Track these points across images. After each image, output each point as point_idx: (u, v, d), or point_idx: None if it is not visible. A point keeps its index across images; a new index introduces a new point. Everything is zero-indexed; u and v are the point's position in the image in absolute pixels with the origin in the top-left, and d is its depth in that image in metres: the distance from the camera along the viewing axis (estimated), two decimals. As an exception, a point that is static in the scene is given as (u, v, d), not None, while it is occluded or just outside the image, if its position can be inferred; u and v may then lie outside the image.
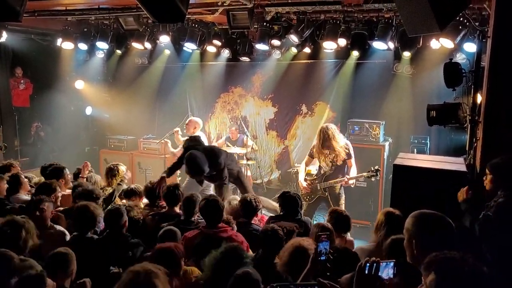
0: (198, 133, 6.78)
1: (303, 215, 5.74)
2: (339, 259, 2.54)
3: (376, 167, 5.58)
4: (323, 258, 2.40)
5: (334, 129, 5.56)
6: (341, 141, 5.54)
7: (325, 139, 5.47)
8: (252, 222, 4.20)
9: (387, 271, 2.00)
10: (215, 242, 3.14)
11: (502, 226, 3.08)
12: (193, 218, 4.01)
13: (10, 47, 7.97)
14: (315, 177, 5.83)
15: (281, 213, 4.17)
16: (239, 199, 4.46)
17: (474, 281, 1.67)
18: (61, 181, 4.84)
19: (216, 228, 3.65)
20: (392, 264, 2.02)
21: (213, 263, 2.73)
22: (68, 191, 4.81)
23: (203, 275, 2.85)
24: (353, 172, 5.62)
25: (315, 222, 5.83)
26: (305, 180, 5.83)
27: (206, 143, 5.96)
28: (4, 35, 7.20)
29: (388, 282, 1.98)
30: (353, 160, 5.63)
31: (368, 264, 1.96)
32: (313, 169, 6.05)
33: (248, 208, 4.18)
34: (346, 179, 5.52)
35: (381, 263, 1.97)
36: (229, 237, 3.58)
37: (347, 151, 5.56)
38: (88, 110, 9.30)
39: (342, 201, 5.66)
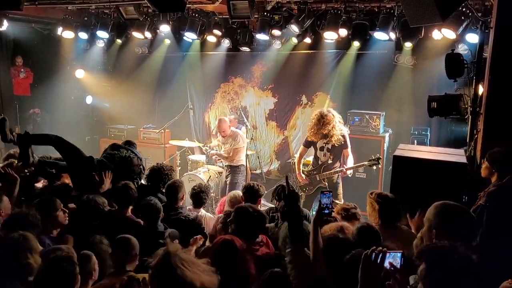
0: None
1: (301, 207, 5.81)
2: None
3: (378, 155, 5.58)
4: (326, 211, 2.55)
5: (334, 115, 5.55)
6: (338, 128, 5.53)
7: (323, 123, 5.46)
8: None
9: (394, 261, 2.01)
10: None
11: (492, 213, 3.12)
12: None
13: (11, 36, 7.96)
14: (312, 167, 5.83)
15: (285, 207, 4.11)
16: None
17: (462, 269, 1.69)
18: None
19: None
20: (399, 254, 2.03)
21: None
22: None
23: None
24: (350, 161, 5.62)
25: (313, 213, 5.87)
26: (303, 172, 5.84)
27: None
28: (5, 23, 7.19)
29: (394, 271, 1.99)
30: (349, 150, 5.63)
31: (374, 253, 1.97)
32: (310, 160, 6.06)
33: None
34: (344, 170, 5.52)
35: (388, 253, 1.99)
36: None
37: (343, 139, 5.54)
38: (89, 99, 9.30)
39: (340, 190, 5.67)
